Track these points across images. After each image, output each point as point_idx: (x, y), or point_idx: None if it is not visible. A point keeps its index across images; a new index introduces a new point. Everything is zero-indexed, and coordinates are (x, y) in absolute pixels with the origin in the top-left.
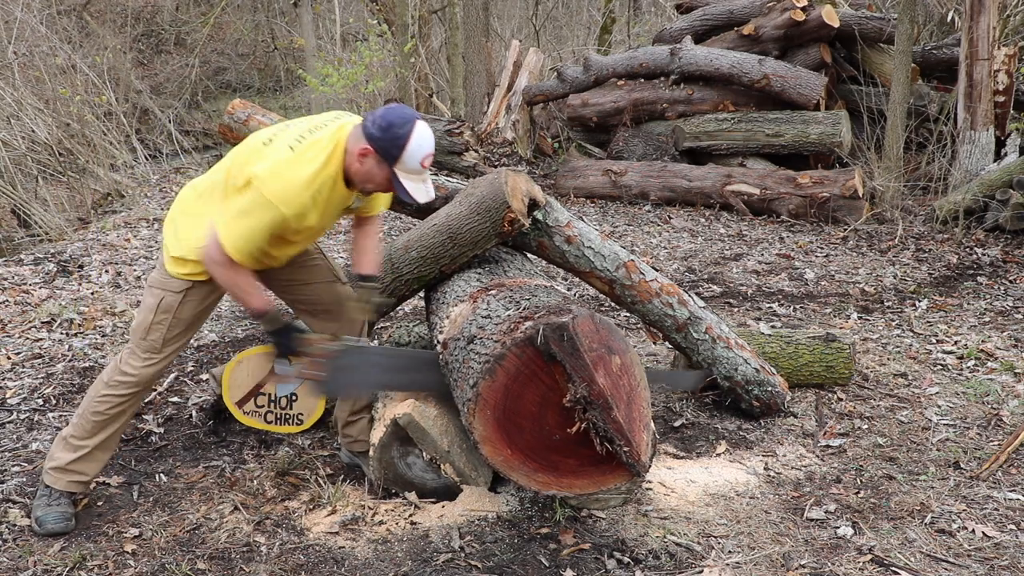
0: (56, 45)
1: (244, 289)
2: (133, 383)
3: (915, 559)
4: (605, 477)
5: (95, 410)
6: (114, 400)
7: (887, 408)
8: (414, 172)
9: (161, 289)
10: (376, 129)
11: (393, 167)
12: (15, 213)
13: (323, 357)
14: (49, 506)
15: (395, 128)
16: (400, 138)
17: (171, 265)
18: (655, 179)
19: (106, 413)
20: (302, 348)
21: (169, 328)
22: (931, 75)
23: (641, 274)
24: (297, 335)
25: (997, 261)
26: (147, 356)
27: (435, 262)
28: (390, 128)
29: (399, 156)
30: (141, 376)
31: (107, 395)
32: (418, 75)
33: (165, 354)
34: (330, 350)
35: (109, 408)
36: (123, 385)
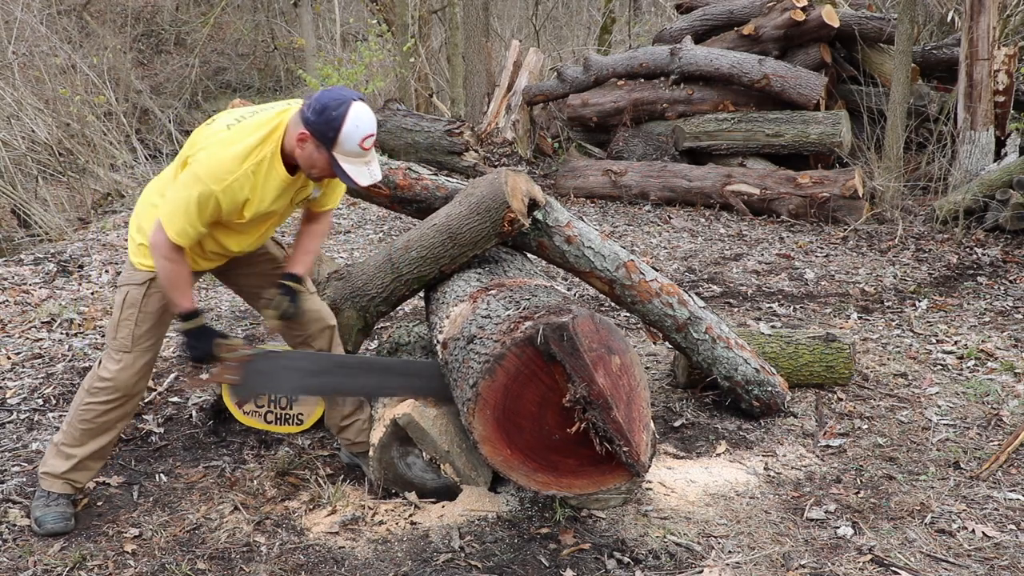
0: (56, 45)
1: (175, 283)
2: (111, 387)
3: (915, 559)
4: (605, 477)
5: (81, 418)
6: (97, 408)
7: (887, 408)
8: (353, 155)
9: (127, 285)
10: (311, 112)
11: (331, 151)
12: (15, 213)
13: (237, 361)
14: (48, 506)
15: (329, 110)
16: (335, 120)
17: (134, 255)
18: (655, 179)
19: (93, 421)
20: (217, 352)
21: (137, 323)
22: (931, 75)
23: (641, 274)
24: (216, 340)
25: (997, 261)
26: (120, 356)
27: (435, 262)
28: (324, 111)
29: (335, 139)
30: (118, 379)
31: (89, 402)
32: (418, 75)
33: (136, 352)
34: (244, 355)
35: (95, 416)
36: (103, 391)
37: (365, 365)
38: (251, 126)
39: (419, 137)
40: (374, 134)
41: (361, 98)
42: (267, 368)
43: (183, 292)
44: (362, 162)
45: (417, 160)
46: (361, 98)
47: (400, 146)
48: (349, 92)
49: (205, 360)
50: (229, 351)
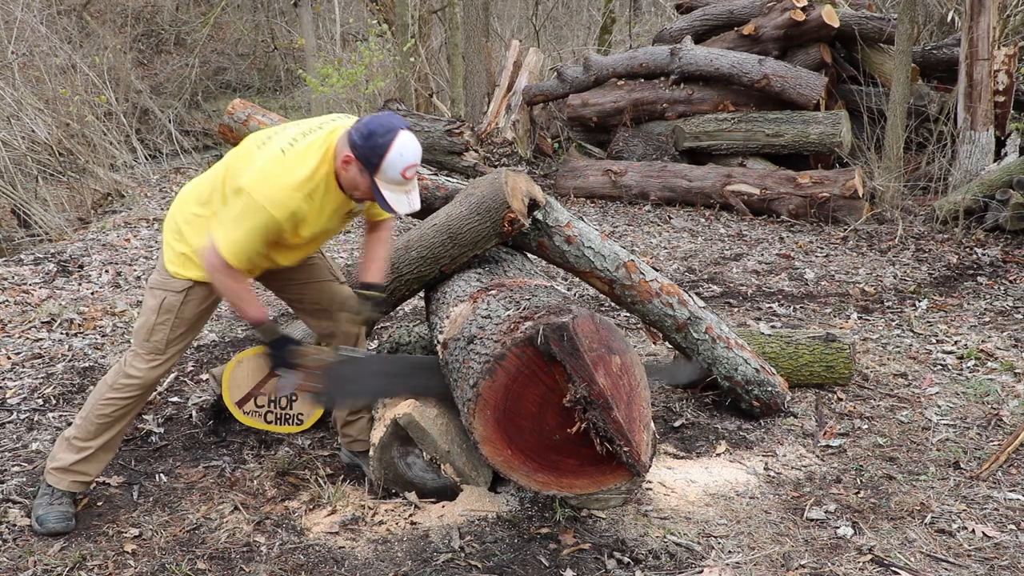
0: (56, 45)
1: (242, 297)
2: (138, 385)
3: (915, 559)
4: (605, 477)
5: (100, 412)
6: (119, 403)
7: (887, 408)
8: (394, 183)
9: (163, 290)
10: (359, 137)
11: (374, 176)
12: (15, 213)
13: (318, 369)
14: (51, 505)
15: (376, 137)
16: (380, 147)
17: (173, 265)
18: (655, 179)
19: (111, 416)
20: (297, 360)
21: (172, 328)
22: (931, 75)
23: (641, 274)
24: (292, 347)
25: (997, 261)
26: (151, 357)
27: (435, 262)
28: (371, 137)
29: (379, 165)
30: (146, 378)
31: (112, 398)
32: (418, 75)
33: (169, 355)
34: (325, 362)
35: (114, 411)
36: (128, 388)
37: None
38: (306, 150)
39: (419, 137)
40: (417, 164)
41: (409, 128)
42: (347, 373)
43: (252, 304)
44: (402, 190)
45: None
46: (409, 128)
47: None
48: (398, 121)
49: (287, 367)
50: (309, 358)
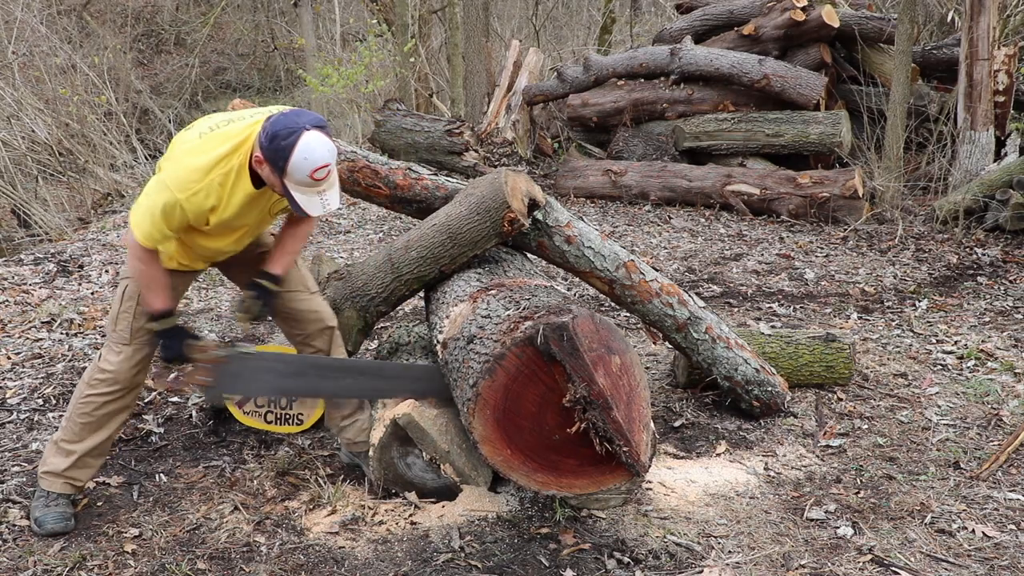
0: (56, 45)
1: (148, 283)
2: (111, 379)
3: (915, 559)
4: (605, 477)
5: (81, 411)
6: (97, 400)
7: (887, 408)
8: (304, 184)
9: (125, 278)
10: (264, 138)
11: (282, 178)
12: (15, 213)
13: (210, 363)
14: (48, 507)
15: (279, 139)
16: (284, 150)
17: None
18: (655, 179)
19: (92, 415)
20: (190, 353)
21: (135, 316)
22: (931, 75)
23: (641, 274)
24: (188, 341)
25: (997, 261)
26: (119, 348)
27: (435, 262)
28: (275, 139)
29: (285, 168)
30: (118, 370)
31: (89, 395)
32: (418, 75)
33: (136, 345)
34: (216, 356)
35: (95, 409)
36: (103, 383)
37: (337, 366)
38: (221, 137)
39: (419, 137)
40: (328, 165)
41: (319, 125)
42: (240, 370)
43: (156, 293)
44: (314, 191)
45: (417, 160)
46: (319, 125)
47: (400, 146)
48: (306, 118)
49: (177, 361)
50: (201, 352)
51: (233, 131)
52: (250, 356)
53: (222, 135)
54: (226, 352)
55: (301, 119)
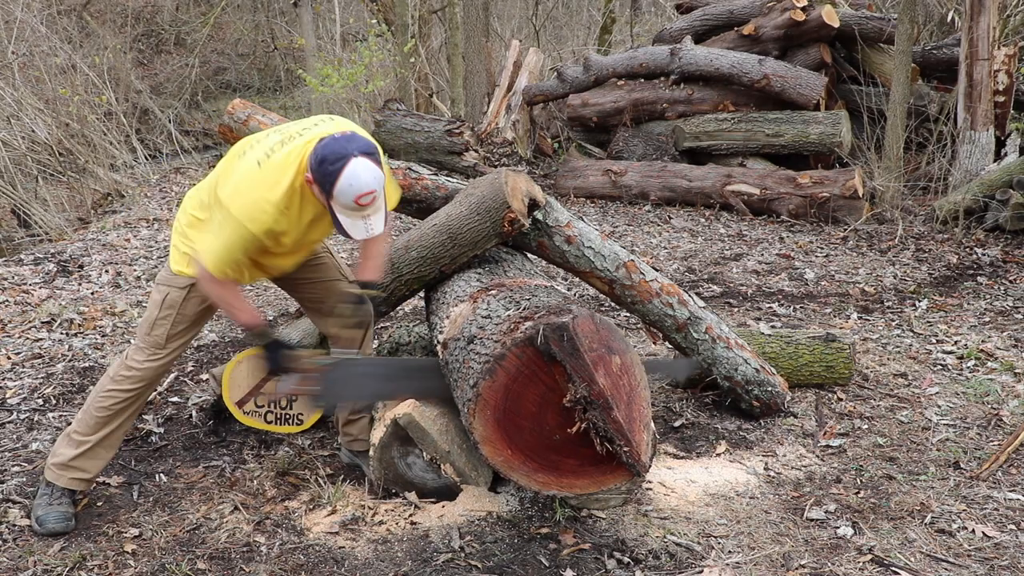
0: (56, 45)
1: (232, 304)
2: (138, 378)
3: (915, 559)
4: (605, 477)
5: (99, 405)
6: (118, 396)
7: (887, 408)
8: (349, 208)
9: (167, 286)
10: (314, 161)
11: (329, 201)
12: (15, 213)
13: (314, 372)
14: (50, 505)
15: (327, 164)
16: (331, 175)
17: (177, 264)
18: (655, 179)
19: (110, 409)
20: (291, 364)
21: (173, 324)
22: (931, 75)
23: (641, 274)
24: (285, 351)
25: (997, 261)
26: (151, 351)
27: (435, 262)
28: (323, 163)
29: (331, 192)
30: (146, 371)
31: (112, 390)
32: (418, 75)
33: (169, 350)
34: (320, 365)
35: (114, 403)
36: (128, 380)
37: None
38: (282, 165)
39: (419, 137)
40: (374, 191)
41: (367, 152)
42: (345, 376)
43: (242, 310)
44: (359, 216)
45: (417, 160)
46: (367, 152)
47: (400, 146)
48: (356, 144)
49: (279, 371)
50: (306, 361)
51: (292, 153)
52: (353, 362)
53: (283, 160)
54: (330, 360)
55: (351, 145)
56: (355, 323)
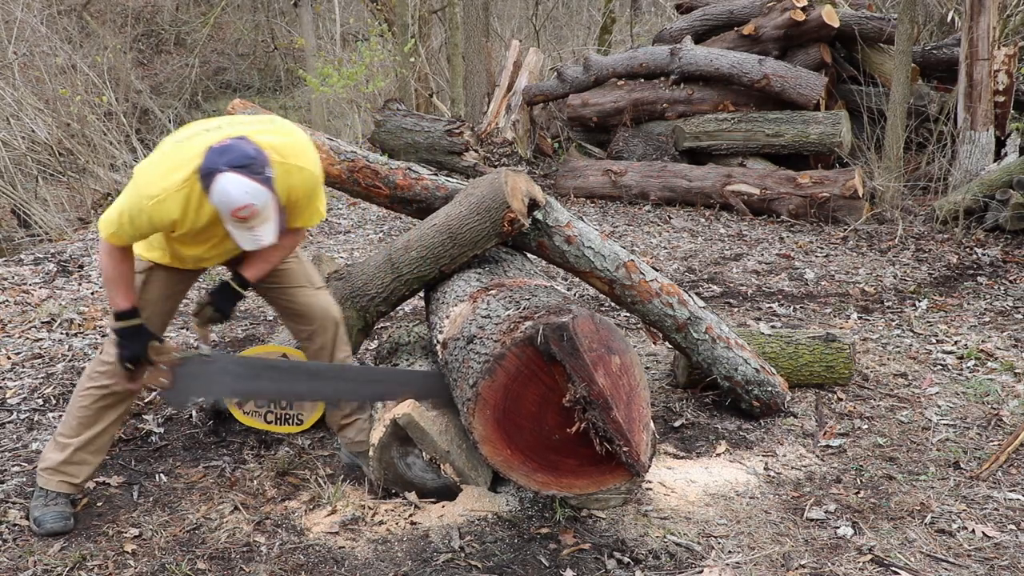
0: (56, 45)
1: (115, 280)
2: (112, 371)
3: (915, 559)
4: (605, 477)
5: (79, 404)
6: (96, 393)
7: (887, 408)
8: (230, 221)
9: None
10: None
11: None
12: (15, 213)
13: (168, 365)
14: (47, 506)
15: (203, 178)
16: (206, 189)
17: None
18: (655, 179)
19: (90, 408)
20: (149, 356)
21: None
22: (931, 75)
23: (641, 274)
24: (149, 342)
25: (997, 261)
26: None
27: (435, 262)
28: (202, 176)
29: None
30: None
31: (89, 387)
32: (418, 75)
33: None
34: (174, 358)
35: (93, 402)
36: (103, 375)
37: (296, 369)
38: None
39: (419, 137)
40: (248, 205)
41: (239, 165)
42: (198, 372)
43: (120, 290)
44: (244, 227)
45: (417, 160)
46: (239, 165)
47: (400, 146)
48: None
49: (136, 361)
50: (160, 354)
51: (197, 149)
52: (208, 358)
53: (188, 153)
54: (183, 354)
55: (222, 159)
56: (202, 322)
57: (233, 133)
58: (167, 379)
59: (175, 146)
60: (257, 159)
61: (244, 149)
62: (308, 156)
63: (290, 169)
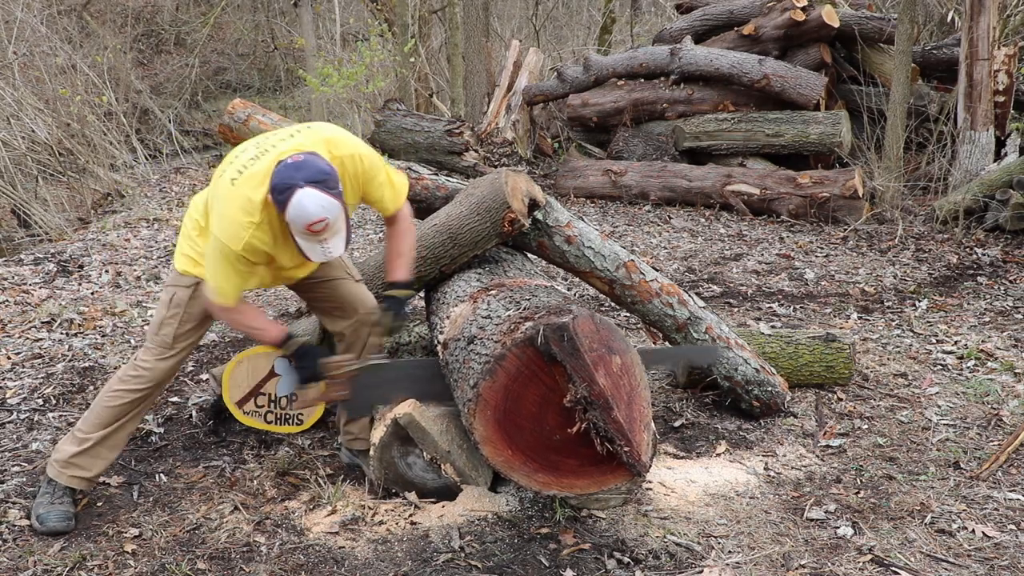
0: (56, 45)
1: (252, 327)
2: (147, 378)
3: (915, 559)
4: (605, 477)
5: (105, 404)
6: (126, 396)
7: (887, 408)
8: (302, 234)
9: (173, 286)
10: (270, 186)
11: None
12: (15, 213)
13: (345, 378)
14: (51, 504)
15: (276, 193)
16: (280, 204)
17: (182, 265)
18: (655, 179)
19: (116, 408)
20: (325, 371)
21: (180, 323)
22: (931, 75)
23: (641, 274)
24: (319, 360)
25: (997, 261)
26: (160, 351)
27: (435, 262)
28: (274, 191)
29: (284, 219)
30: (154, 371)
31: (120, 389)
32: (418, 75)
33: (177, 349)
34: (351, 370)
35: (121, 403)
36: (136, 379)
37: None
38: (250, 181)
39: (419, 137)
40: (323, 219)
41: (316, 180)
42: (375, 381)
43: (264, 329)
44: (316, 240)
45: (417, 160)
46: (316, 180)
47: (400, 146)
48: (304, 172)
49: (314, 380)
50: (337, 368)
51: (260, 172)
52: (382, 366)
53: (252, 180)
54: (360, 365)
55: (298, 174)
56: (386, 331)
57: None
58: (345, 390)
59: (230, 188)
60: (332, 174)
61: (319, 164)
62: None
63: (342, 161)
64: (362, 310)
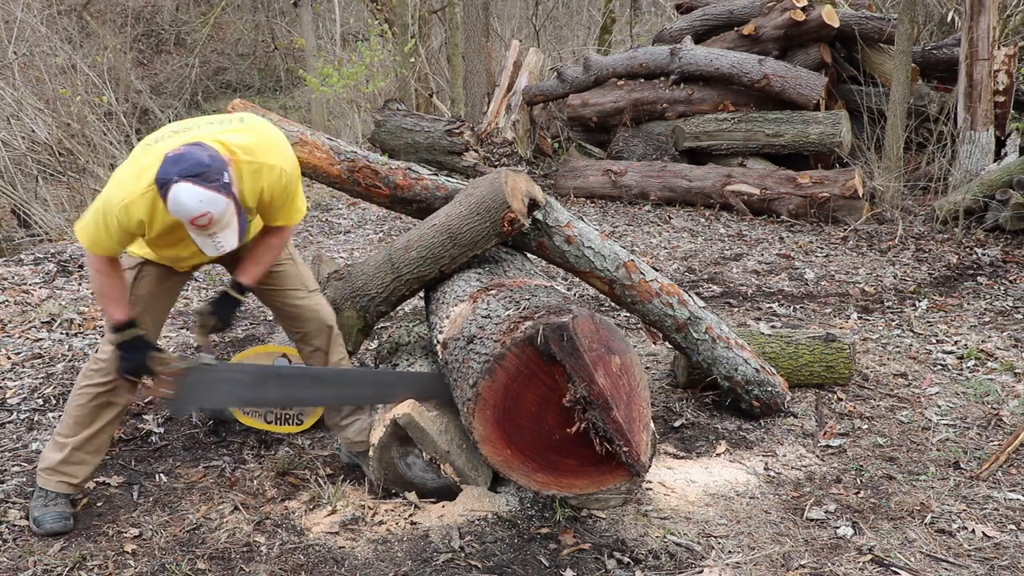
0: (56, 45)
1: (106, 294)
2: (106, 369)
3: (915, 559)
4: (605, 477)
5: (76, 403)
6: (91, 389)
7: (887, 408)
8: (190, 228)
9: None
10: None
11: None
12: (15, 213)
13: (170, 375)
14: (46, 506)
15: (159, 186)
16: (163, 198)
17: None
18: (655, 179)
19: (86, 407)
20: (150, 366)
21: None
22: (931, 75)
23: (641, 274)
24: (149, 353)
25: (997, 261)
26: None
27: (435, 262)
28: (157, 184)
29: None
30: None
31: (84, 385)
32: (418, 75)
33: None
34: (177, 368)
35: (88, 400)
36: (97, 373)
37: (299, 375)
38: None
39: (419, 137)
40: (204, 214)
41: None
42: (202, 381)
43: (113, 302)
44: (204, 235)
45: (417, 160)
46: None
47: (400, 146)
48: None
49: (138, 373)
50: (162, 364)
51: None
52: (212, 367)
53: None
54: (187, 364)
55: (175, 168)
56: (205, 331)
57: (192, 138)
58: (170, 389)
59: (144, 149)
60: (212, 166)
61: (198, 157)
62: (279, 154)
63: (260, 168)
64: (314, 323)
